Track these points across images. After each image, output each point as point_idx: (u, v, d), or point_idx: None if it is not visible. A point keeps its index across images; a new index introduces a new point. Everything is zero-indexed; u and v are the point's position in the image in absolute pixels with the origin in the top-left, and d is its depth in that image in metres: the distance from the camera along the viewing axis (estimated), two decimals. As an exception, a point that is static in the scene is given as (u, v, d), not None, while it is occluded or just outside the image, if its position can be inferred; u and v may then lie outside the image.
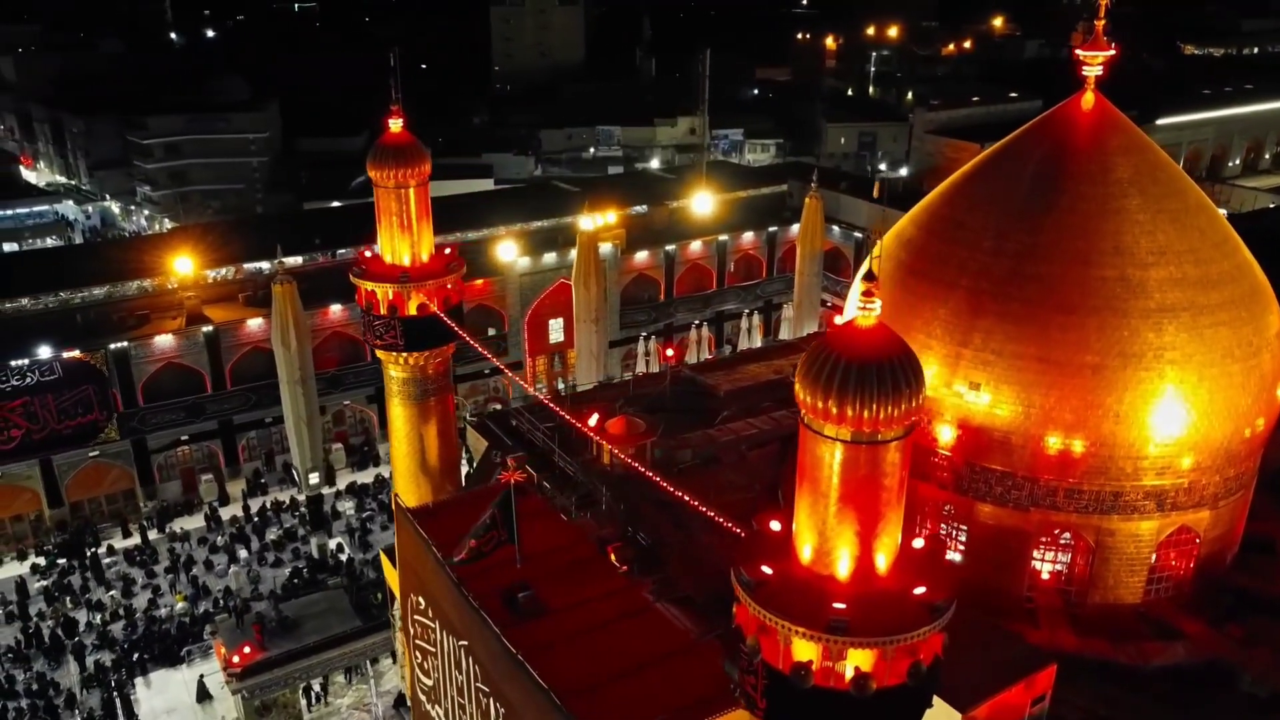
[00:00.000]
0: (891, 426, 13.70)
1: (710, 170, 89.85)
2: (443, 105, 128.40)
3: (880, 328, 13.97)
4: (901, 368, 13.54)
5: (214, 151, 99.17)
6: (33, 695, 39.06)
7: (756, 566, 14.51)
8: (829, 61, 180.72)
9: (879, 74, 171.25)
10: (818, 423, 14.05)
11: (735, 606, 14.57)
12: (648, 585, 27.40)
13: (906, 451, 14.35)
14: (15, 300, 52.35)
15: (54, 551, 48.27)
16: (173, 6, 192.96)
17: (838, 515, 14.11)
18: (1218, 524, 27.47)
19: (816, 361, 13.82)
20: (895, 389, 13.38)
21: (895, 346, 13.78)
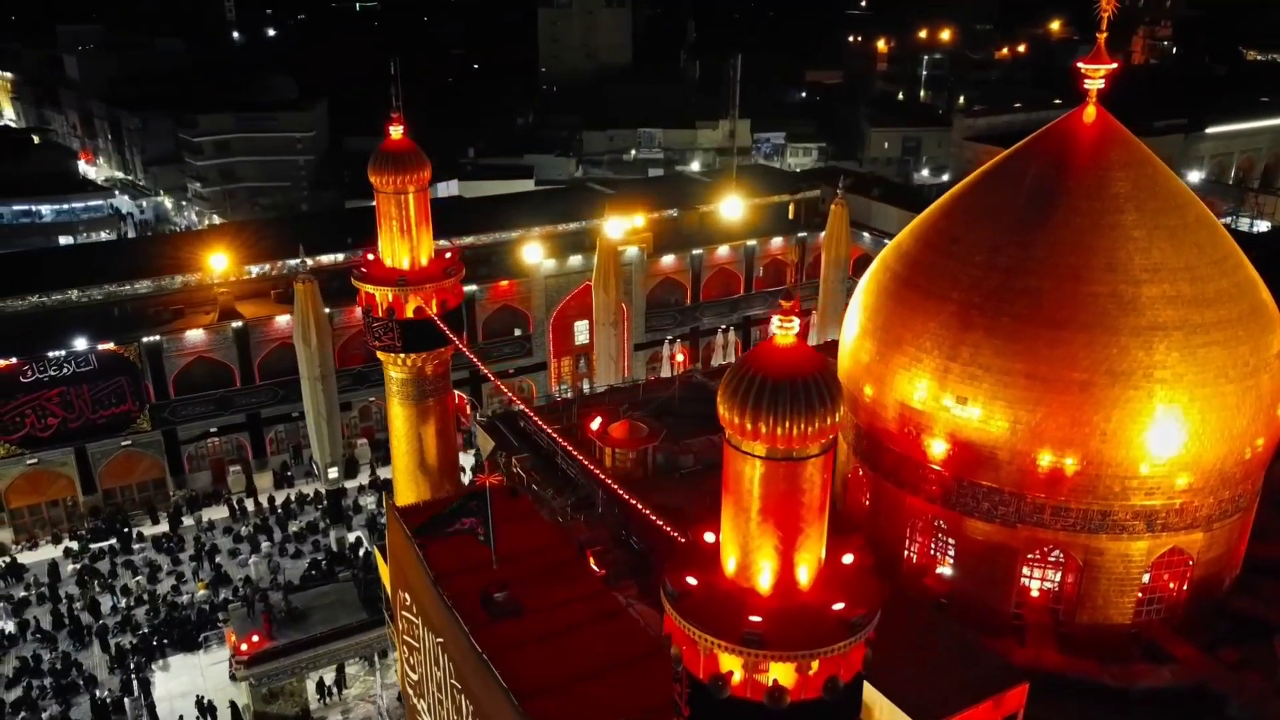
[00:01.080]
0: (809, 443, 13.82)
1: (748, 174, 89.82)
2: (492, 105, 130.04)
3: (799, 346, 14.11)
4: (818, 386, 13.66)
5: (262, 149, 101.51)
6: (56, 674, 40.51)
7: (682, 577, 14.76)
8: (880, 65, 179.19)
9: (930, 78, 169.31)
10: (737, 439, 14.24)
11: (664, 616, 14.82)
12: (629, 590, 27.75)
13: (826, 468, 14.46)
14: (64, 292, 54.25)
15: (86, 536, 49.96)
16: (237, 6, 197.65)
17: (758, 530, 14.29)
18: (1213, 546, 26.99)
19: (736, 379, 14.02)
20: (810, 407, 13.50)
21: (813, 365, 13.90)
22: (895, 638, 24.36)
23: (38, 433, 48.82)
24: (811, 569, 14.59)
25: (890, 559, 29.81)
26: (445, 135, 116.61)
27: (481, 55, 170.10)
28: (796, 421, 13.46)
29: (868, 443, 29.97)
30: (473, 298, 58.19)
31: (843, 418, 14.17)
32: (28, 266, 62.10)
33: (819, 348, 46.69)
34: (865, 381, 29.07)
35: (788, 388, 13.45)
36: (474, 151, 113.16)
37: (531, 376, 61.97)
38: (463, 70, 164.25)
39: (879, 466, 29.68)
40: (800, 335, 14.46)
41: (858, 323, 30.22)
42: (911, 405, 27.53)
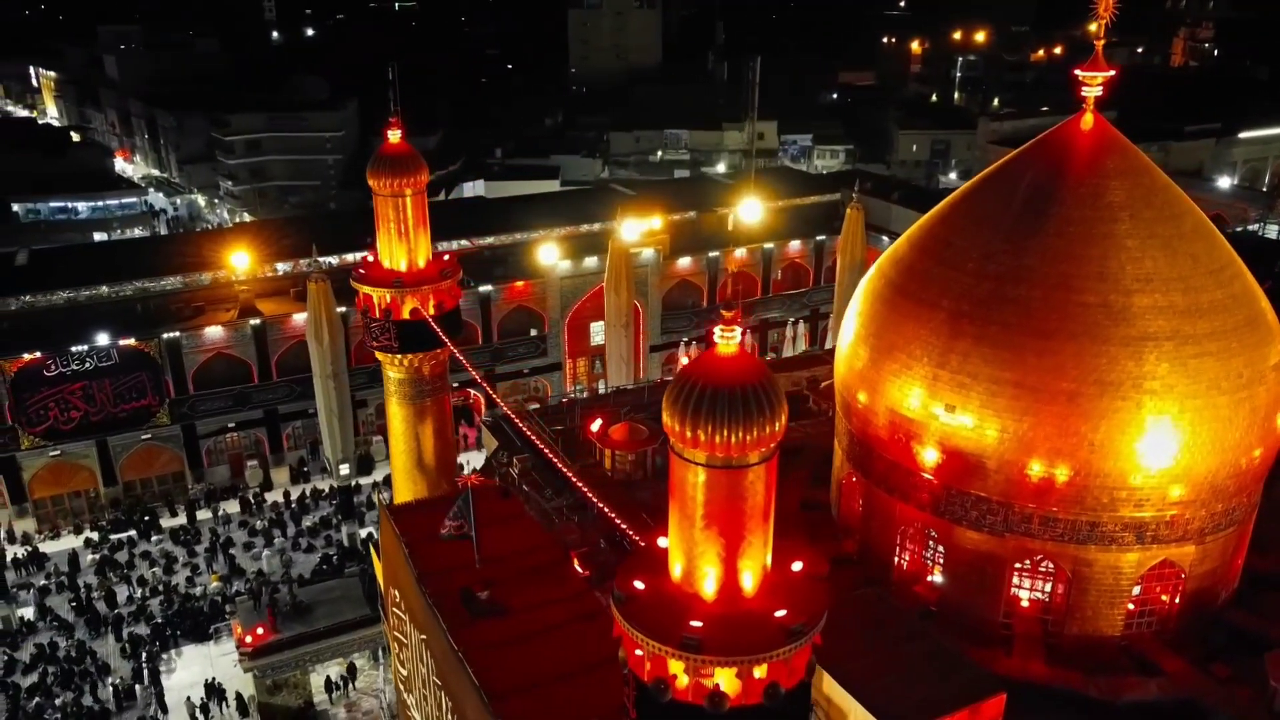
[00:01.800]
0: (750, 451, 13.95)
1: (771, 177, 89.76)
2: (522, 106, 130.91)
3: (741, 355, 14.24)
4: (758, 395, 13.78)
5: (292, 149, 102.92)
6: (71, 662, 41.50)
7: (630, 581, 14.95)
8: (914, 66, 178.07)
9: (964, 79, 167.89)
10: (680, 446, 14.40)
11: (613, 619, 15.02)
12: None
13: (769, 475, 14.58)
14: (93, 288, 55.54)
15: (107, 527, 51.06)
16: (277, 6, 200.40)
17: (702, 536, 14.44)
18: (1206, 559, 26.69)
19: (678, 388, 14.19)
20: (750, 415, 13.63)
21: (754, 374, 14.03)
22: (876, 645, 24.58)
23: (61, 425, 50.01)
24: (756, 575, 14.73)
25: (882, 566, 29.85)
26: (474, 135, 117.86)
27: (515, 56, 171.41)
28: (735, 430, 13.61)
29: (860, 449, 29.98)
30: (488, 297, 58.76)
31: (783, 426, 14.29)
32: (60, 262, 63.62)
33: (829, 353, 46.74)
34: (859, 388, 29.09)
35: (728, 396, 13.60)
36: (501, 152, 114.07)
37: (546, 376, 62.40)
38: (496, 71, 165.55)
39: (871, 473, 29.67)
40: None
41: (853, 329, 30.22)
42: (901, 412, 27.51)
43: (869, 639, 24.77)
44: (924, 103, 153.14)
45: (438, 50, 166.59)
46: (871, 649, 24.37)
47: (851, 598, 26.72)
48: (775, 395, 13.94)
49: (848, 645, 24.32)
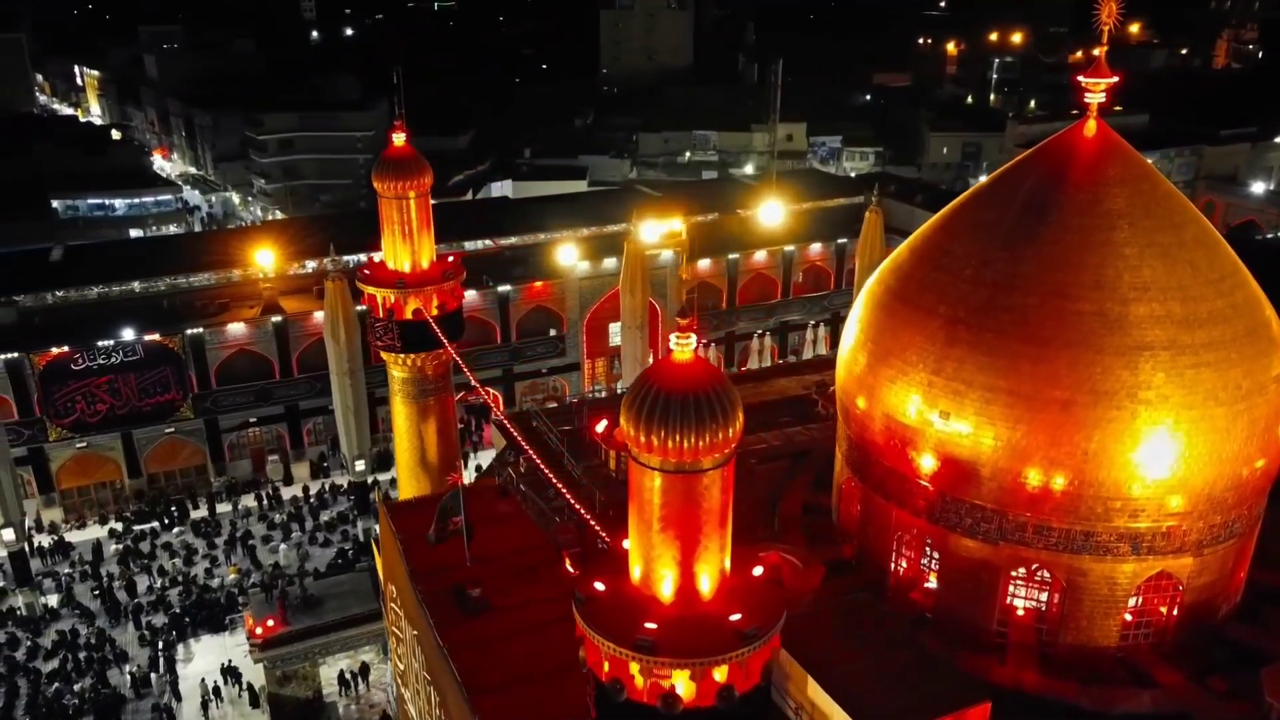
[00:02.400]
0: (705, 457, 14.13)
1: (798, 179, 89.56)
2: (553, 106, 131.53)
3: (697, 362, 14.42)
4: (713, 401, 13.95)
5: (323, 148, 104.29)
6: (91, 649, 42.53)
7: (590, 582, 15.19)
8: (950, 68, 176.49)
9: (1000, 81, 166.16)
10: (636, 452, 14.61)
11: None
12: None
13: (726, 480, 14.74)
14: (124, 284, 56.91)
15: (131, 518, 52.21)
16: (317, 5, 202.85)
17: (659, 540, 14.63)
18: (1204, 572, 26.41)
19: (634, 395, 14.40)
20: (702, 422, 13.81)
21: (709, 381, 14.20)
22: (863, 650, 24.61)
23: (87, 418, 51.21)
24: (713, 579, 14.90)
25: (879, 571, 29.84)
26: (505, 135, 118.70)
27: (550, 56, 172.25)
28: (688, 435, 13.81)
29: (858, 454, 29.99)
30: (507, 297, 59.28)
31: (738, 431, 14.46)
32: (92, 258, 65.15)
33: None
34: (857, 393, 29.09)
35: (681, 403, 13.79)
36: (530, 152, 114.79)
37: (565, 376, 62.80)
38: (530, 70, 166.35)
39: (868, 478, 29.68)
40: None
41: (853, 334, 30.26)
42: (897, 418, 27.50)
43: (856, 644, 24.80)
44: (959, 104, 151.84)
45: (474, 50, 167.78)
46: (858, 654, 24.40)
47: (842, 603, 26.82)
48: (729, 402, 14.11)
49: (834, 650, 24.48)
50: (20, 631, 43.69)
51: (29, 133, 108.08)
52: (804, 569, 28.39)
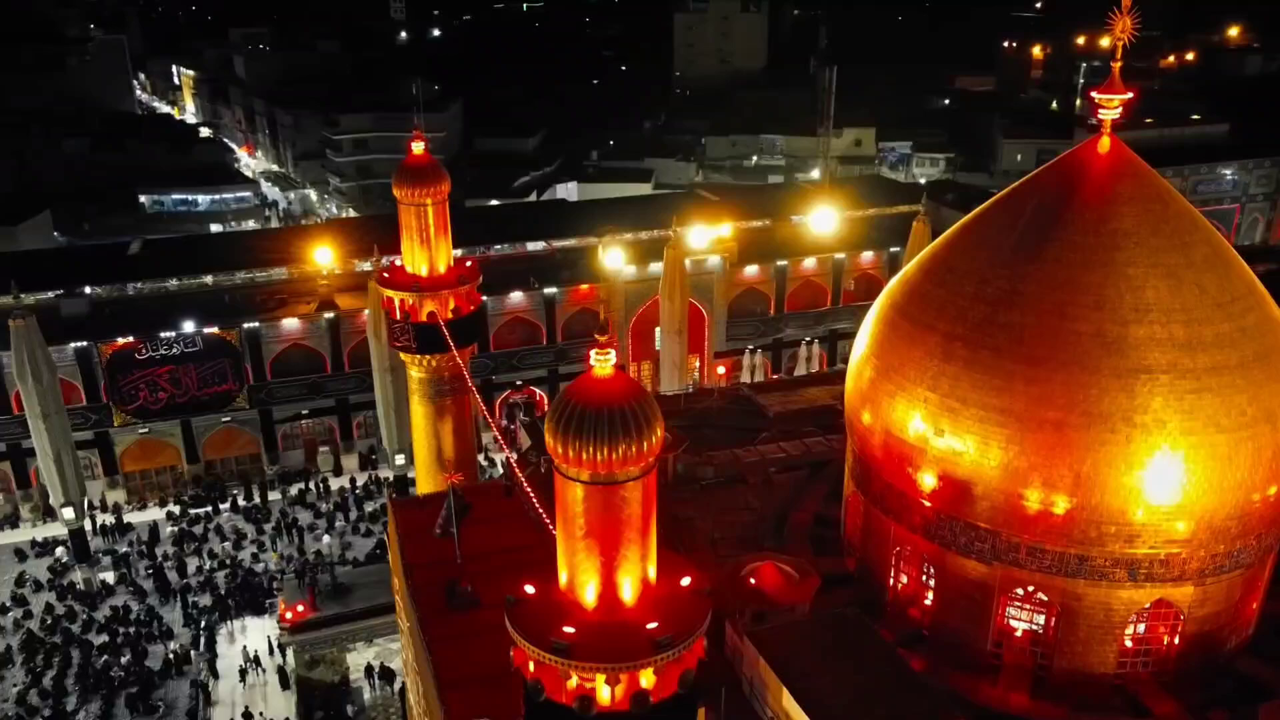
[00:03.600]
0: (623, 469, 14.54)
1: (861, 184, 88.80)
2: (625, 109, 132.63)
3: (618, 377, 14.81)
4: (631, 415, 14.34)
5: (396, 148, 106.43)
6: (140, 625, 44.80)
7: (522, 586, 15.75)
8: (1035, 71, 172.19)
9: (1088, 86, 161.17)
10: (560, 464, 15.11)
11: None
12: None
13: (646, 492, 15.10)
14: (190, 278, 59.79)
15: (188, 502, 54.70)
16: (407, 6, 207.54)
17: (583, 548, 15.09)
18: (1207, 602, 25.72)
19: (556, 409, 14.91)
20: (621, 435, 14.21)
21: (627, 395, 14.59)
22: (844, 664, 24.69)
23: (149, 405, 53.84)
24: (635, 587, 15.31)
25: (878, 586, 29.77)
26: (575, 137, 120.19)
27: (629, 58, 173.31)
28: (600, 448, 14.25)
29: (861, 467, 29.97)
30: (553, 299, 60.24)
31: (657, 443, 14.83)
32: (168, 252, 68.26)
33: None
34: (861, 407, 29.09)
35: (596, 416, 14.24)
36: (597, 154, 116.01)
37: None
38: (609, 73, 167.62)
39: (869, 492, 29.63)
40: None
41: (861, 348, 30.24)
42: (895, 433, 27.43)
43: (837, 658, 24.90)
44: (1041, 110, 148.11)
45: (554, 52, 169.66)
46: (836, 668, 24.49)
47: (827, 616, 26.88)
48: (647, 415, 14.52)
49: (813, 663, 24.65)
50: (77, 605, 46.23)
51: (123, 130, 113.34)
52: (799, 580, 28.53)
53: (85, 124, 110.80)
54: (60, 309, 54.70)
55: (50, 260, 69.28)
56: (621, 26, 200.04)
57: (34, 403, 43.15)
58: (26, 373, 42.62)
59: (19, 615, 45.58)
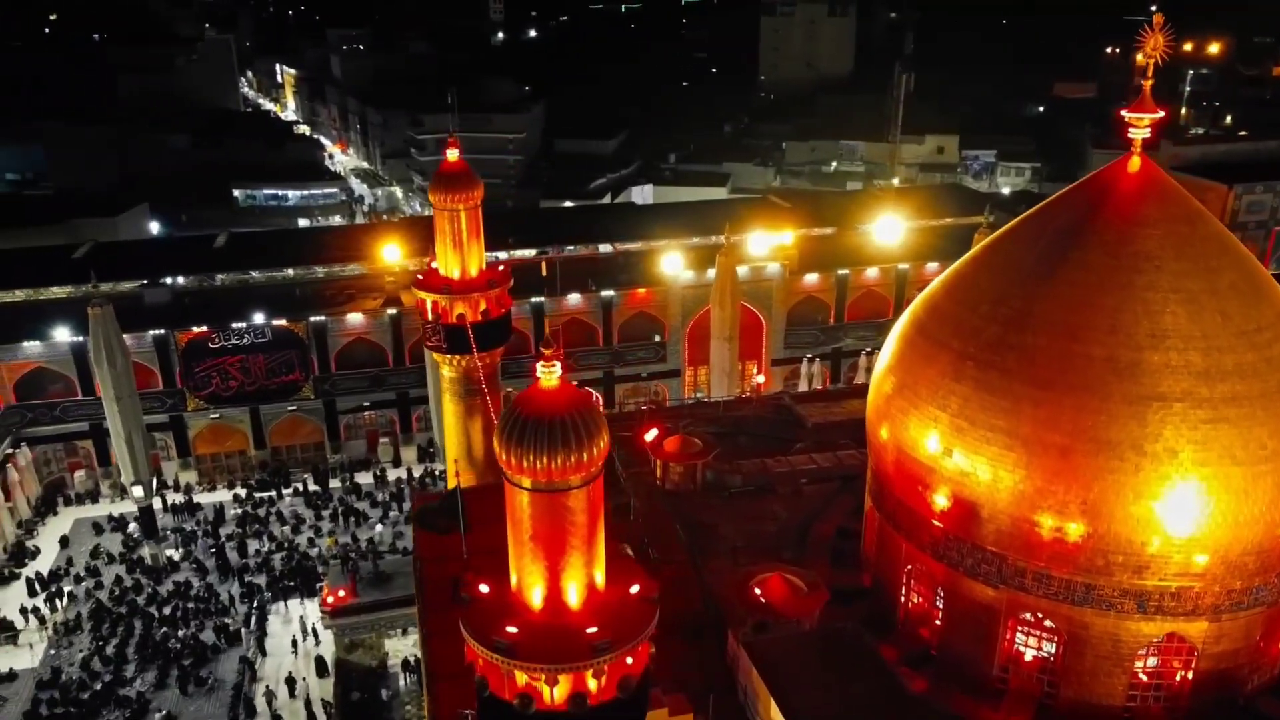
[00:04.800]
0: (568, 476, 15.01)
1: (938, 194, 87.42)
2: (709, 112, 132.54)
3: (563, 388, 15.28)
4: (573, 425, 14.79)
5: (476, 148, 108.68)
6: (198, 601, 47.12)
7: (476, 585, 16.37)
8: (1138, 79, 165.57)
9: (1194, 94, 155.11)
10: (507, 471, 15.66)
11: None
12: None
13: (591, 500, 15.52)
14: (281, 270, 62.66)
15: (253, 486, 57.20)
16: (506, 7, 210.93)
17: (529, 552, 15.62)
18: (1223, 639, 24.96)
19: (504, 419, 15.48)
20: (565, 444, 14.68)
21: (573, 406, 15.03)
22: (835, 679, 24.78)
23: (221, 392, 56.48)
24: (580, 591, 15.78)
25: (890, 603, 29.62)
26: (655, 140, 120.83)
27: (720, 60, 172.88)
28: (540, 456, 14.76)
29: (877, 483, 29.92)
30: (610, 302, 61.02)
31: (600, 453, 15.27)
32: (252, 246, 71.39)
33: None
34: (880, 423, 29.05)
35: (542, 426, 14.77)
36: (675, 157, 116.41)
37: (665, 382, 64.00)
38: (699, 75, 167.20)
39: (883, 508, 29.53)
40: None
41: (883, 362, 30.18)
42: (907, 451, 27.33)
43: (830, 673, 24.98)
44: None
45: (650, 53, 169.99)
46: (827, 683, 24.59)
47: (826, 630, 26.93)
48: (591, 425, 14.98)
49: (804, 675, 24.81)
50: (144, 579, 48.85)
51: (222, 127, 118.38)
52: (806, 593, 28.60)
53: (188, 121, 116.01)
54: (144, 297, 57.79)
55: (142, 251, 73.15)
56: (716, 29, 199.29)
57: (108, 385, 45.83)
58: (102, 357, 45.29)
59: (91, 585, 48.41)
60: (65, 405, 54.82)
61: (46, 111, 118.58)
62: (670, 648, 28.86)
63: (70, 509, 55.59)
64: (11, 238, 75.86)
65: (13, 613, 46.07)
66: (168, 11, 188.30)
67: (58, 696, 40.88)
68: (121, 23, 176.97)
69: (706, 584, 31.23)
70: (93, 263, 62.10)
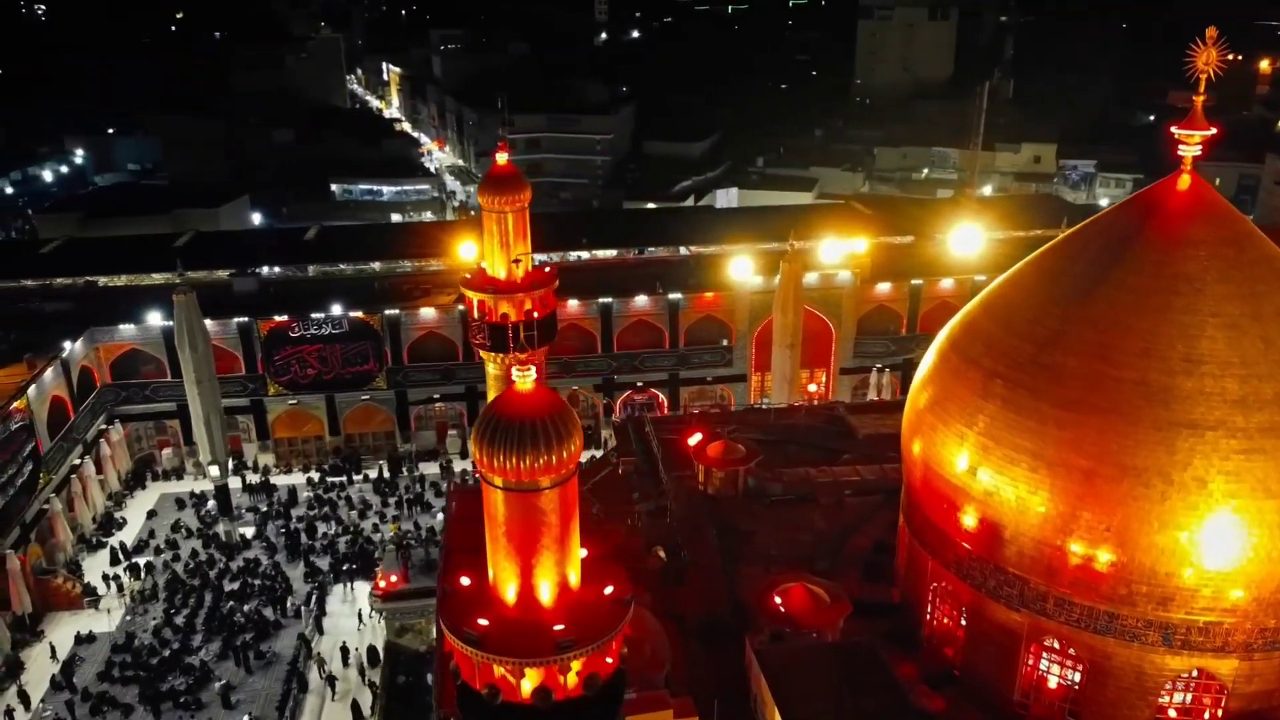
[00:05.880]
0: (541, 477, 15.46)
1: (1029, 205, 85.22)
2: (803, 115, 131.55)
3: (538, 392, 15.70)
4: (544, 427, 15.20)
5: (566, 148, 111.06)
6: (265, 578, 49.29)
7: (457, 578, 16.97)
8: (1261, 87, 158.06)
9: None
10: (483, 470, 16.18)
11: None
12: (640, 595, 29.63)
13: (564, 501, 15.91)
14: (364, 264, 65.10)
15: (326, 470, 59.45)
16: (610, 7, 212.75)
17: (504, 549, 16.10)
18: (1256, 678, 23.98)
19: (481, 420, 16.01)
20: (537, 445, 15.13)
21: (546, 409, 15.44)
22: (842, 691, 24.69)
23: (298, 379, 58.86)
24: (552, 589, 16.22)
25: (916, 620, 29.27)
26: (747, 143, 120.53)
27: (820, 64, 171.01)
28: (510, 457, 15.23)
29: (908, 499, 29.61)
30: (677, 304, 61.37)
31: (572, 456, 15.67)
32: (339, 239, 74.20)
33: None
34: (912, 437, 28.74)
35: (509, 428, 15.25)
36: (763, 161, 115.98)
37: (730, 386, 64.00)
38: (800, 78, 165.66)
39: (912, 524, 29.24)
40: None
41: (919, 376, 29.82)
42: (934, 468, 27.02)
43: (841, 686, 24.85)
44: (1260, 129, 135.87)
45: (752, 55, 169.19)
46: (837, 696, 24.49)
47: (842, 644, 26.79)
48: (564, 428, 15.40)
49: (814, 687, 24.77)
50: (217, 554, 51.34)
51: (324, 123, 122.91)
52: (828, 604, 28.49)
53: (293, 116, 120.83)
54: (233, 286, 60.66)
55: (237, 241, 76.73)
56: (821, 32, 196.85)
57: (189, 369, 48.36)
58: (184, 342, 47.84)
59: (169, 557, 51.11)
60: (156, 386, 57.96)
61: (166, 106, 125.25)
62: (691, 650, 29.38)
63: (157, 484, 58.75)
64: (123, 225, 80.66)
65: (96, 579, 48.98)
66: (287, 11, 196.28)
67: (129, 660, 43.35)
68: (242, 21, 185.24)
69: (735, 590, 31.41)
70: (191, 251, 65.77)
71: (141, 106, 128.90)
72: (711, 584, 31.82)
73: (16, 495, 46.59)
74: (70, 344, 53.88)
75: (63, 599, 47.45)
